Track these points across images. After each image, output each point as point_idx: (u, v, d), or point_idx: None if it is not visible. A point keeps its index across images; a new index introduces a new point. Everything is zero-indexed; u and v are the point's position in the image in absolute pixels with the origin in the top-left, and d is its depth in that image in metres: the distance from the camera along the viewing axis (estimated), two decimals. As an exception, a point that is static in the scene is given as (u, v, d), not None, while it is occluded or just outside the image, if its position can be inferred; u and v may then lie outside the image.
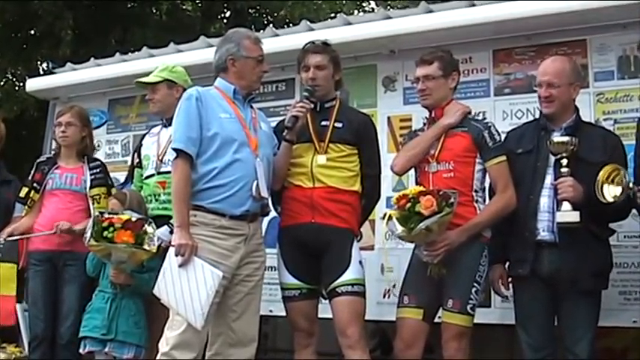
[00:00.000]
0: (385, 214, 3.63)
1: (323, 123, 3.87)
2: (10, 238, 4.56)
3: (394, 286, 4.48)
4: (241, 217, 3.59)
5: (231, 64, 3.74)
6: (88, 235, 3.93)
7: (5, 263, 4.51)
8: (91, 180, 4.64)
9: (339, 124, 3.86)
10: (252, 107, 3.84)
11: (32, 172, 4.70)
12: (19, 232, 4.60)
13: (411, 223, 3.45)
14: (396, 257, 4.55)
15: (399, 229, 3.51)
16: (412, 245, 3.80)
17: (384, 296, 4.62)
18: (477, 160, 3.70)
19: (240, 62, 3.73)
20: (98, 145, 5.51)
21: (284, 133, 3.83)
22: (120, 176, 5.03)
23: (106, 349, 4.13)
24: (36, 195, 4.62)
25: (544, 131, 3.69)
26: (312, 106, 3.85)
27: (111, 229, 3.88)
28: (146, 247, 3.92)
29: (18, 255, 4.59)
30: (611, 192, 3.26)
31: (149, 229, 3.96)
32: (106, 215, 3.98)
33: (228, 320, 3.60)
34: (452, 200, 3.46)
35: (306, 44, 3.97)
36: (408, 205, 3.47)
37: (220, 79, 3.78)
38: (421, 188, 3.57)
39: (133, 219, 3.95)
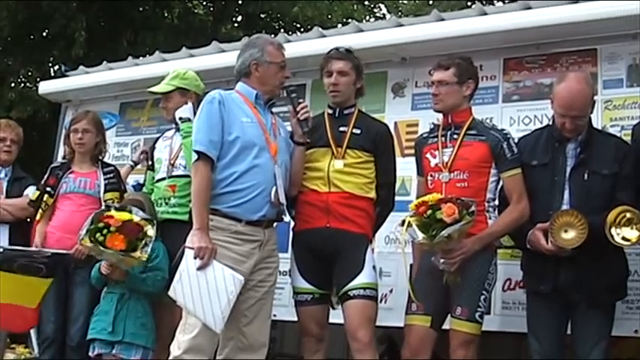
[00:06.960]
0: (404, 221, 3.58)
1: (341, 129, 3.89)
2: (50, 251, 4.44)
3: (391, 291, 4.49)
4: (257, 222, 3.60)
5: (254, 69, 3.75)
6: (83, 232, 3.85)
7: (42, 278, 4.36)
8: (105, 185, 4.64)
9: (357, 131, 3.88)
10: (272, 113, 3.85)
11: (46, 176, 4.72)
12: (40, 240, 4.58)
13: (432, 230, 3.42)
14: (394, 262, 4.54)
15: (420, 236, 3.48)
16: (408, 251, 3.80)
17: (381, 301, 4.59)
18: (492, 171, 3.70)
19: (264, 67, 3.75)
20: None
21: (299, 139, 3.83)
22: (127, 179, 5.05)
23: (114, 351, 4.12)
24: (50, 199, 4.62)
25: (558, 143, 3.65)
26: (306, 103, 3.88)
27: (105, 230, 3.80)
28: (137, 253, 3.83)
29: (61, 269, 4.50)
30: (619, 234, 3.29)
31: (150, 232, 3.90)
32: (110, 212, 3.91)
33: (240, 325, 3.60)
34: (472, 209, 3.46)
35: (330, 50, 4.00)
36: (429, 212, 3.45)
37: (242, 84, 3.79)
38: (440, 195, 3.55)
39: (137, 219, 3.90)
